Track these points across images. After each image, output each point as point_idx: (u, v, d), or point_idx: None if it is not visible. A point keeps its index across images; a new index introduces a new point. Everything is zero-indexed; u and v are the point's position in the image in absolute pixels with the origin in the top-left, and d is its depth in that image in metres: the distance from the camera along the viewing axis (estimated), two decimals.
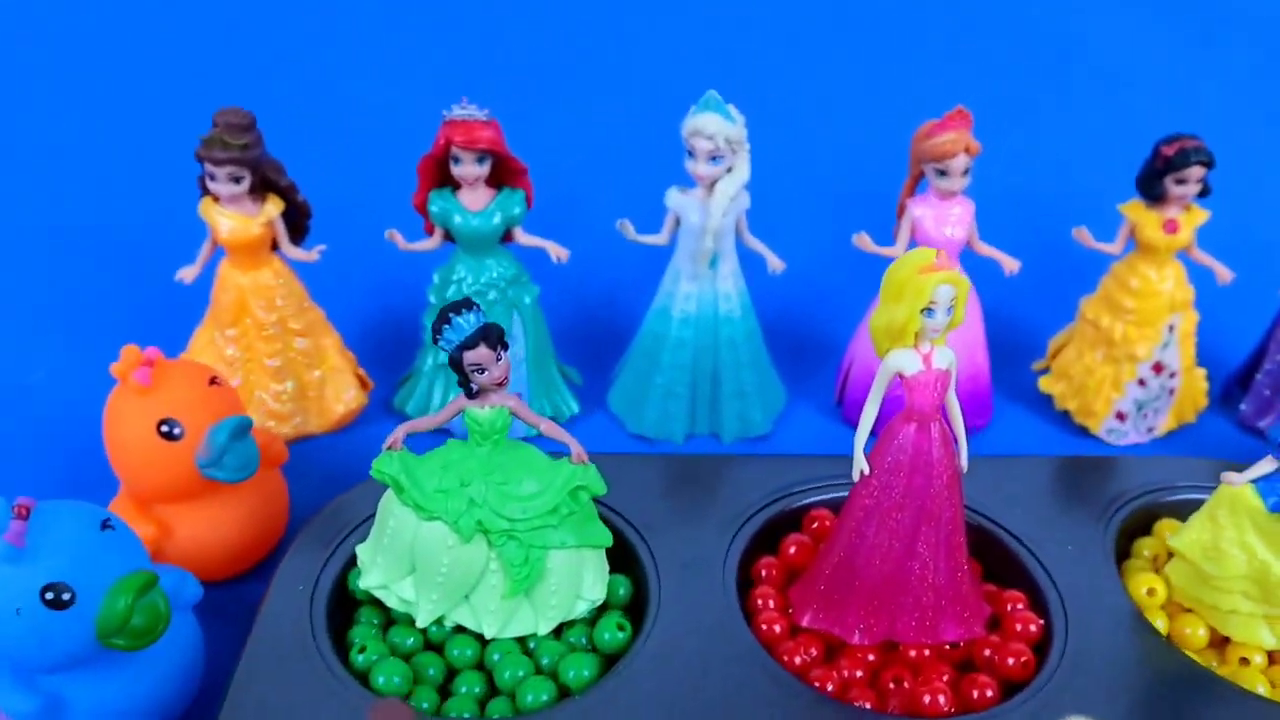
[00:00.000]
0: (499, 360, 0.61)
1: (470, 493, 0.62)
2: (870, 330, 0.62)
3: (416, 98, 1.22)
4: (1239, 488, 0.67)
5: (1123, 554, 0.75)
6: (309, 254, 0.85)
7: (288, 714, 0.59)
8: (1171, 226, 0.88)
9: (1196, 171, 0.86)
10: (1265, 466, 0.66)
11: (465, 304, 0.61)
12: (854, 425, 0.65)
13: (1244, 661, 0.68)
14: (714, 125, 0.82)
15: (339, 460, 0.88)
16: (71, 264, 1.10)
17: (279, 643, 0.63)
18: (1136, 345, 0.91)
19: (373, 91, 1.38)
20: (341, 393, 0.90)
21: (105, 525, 0.61)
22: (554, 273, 1.01)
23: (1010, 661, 0.65)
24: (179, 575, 0.66)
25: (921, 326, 0.60)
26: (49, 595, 0.57)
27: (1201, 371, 0.96)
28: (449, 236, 0.86)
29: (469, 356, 0.61)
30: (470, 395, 0.63)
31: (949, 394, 0.64)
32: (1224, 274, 0.91)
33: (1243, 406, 0.98)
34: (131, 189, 1.20)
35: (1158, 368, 0.92)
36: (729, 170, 0.84)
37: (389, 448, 0.64)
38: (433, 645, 0.66)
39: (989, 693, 0.63)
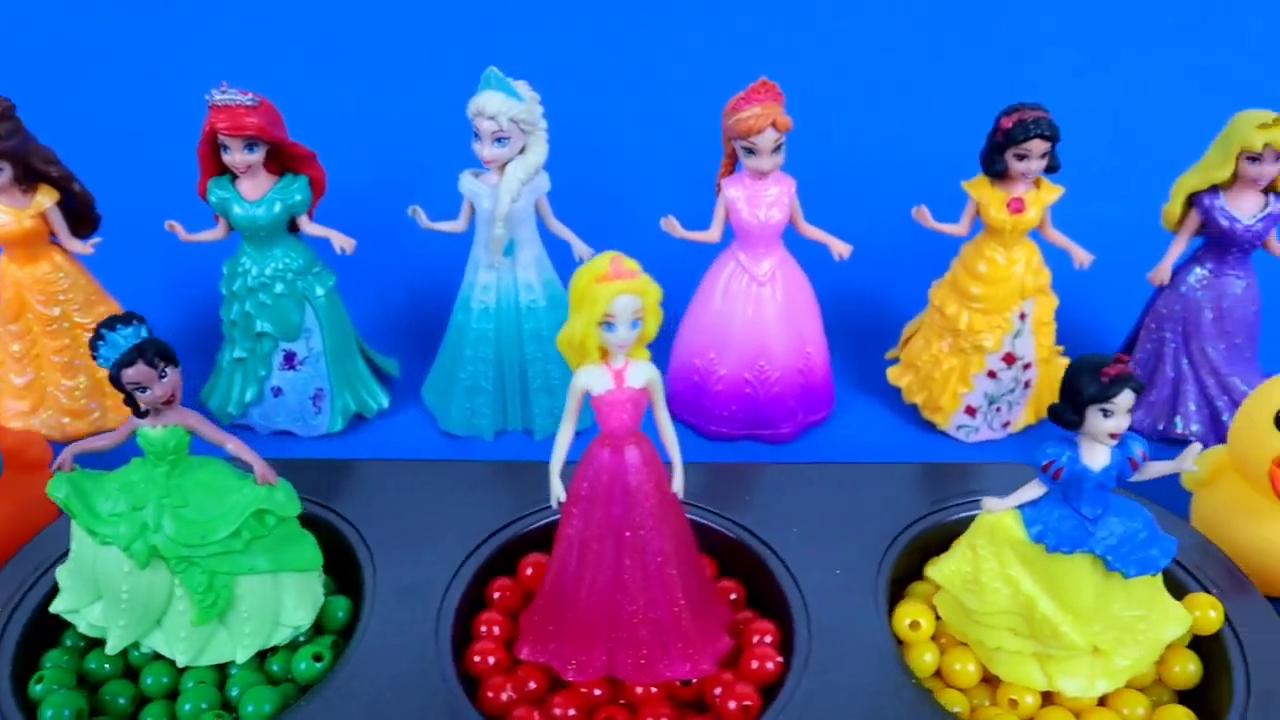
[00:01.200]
0: (162, 378, 0.56)
1: (144, 516, 0.58)
2: (559, 346, 0.55)
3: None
4: (999, 515, 0.59)
5: (916, 578, 0.68)
6: (85, 247, 0.81)
7: None
8: (1016, 205, 0.79)
9: (1038, 145, 0.76)
10: (1030, 492, 0.58)
11: (124, 318, 0.56)
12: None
13: (1013, 703, 0.61)
14: (495, 104, 0.75)
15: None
16: None
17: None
18: (984, 335, 0.82)
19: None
20: None
21: None
22: (385, 260, 0.95)
23: (731, 705, 0.58)
24: None
25: (603, 341, 0.53)
26: None
27: (1064, 362, 0.87)
28: (232, 227, 0.81)
29: (127, 374, 0.56)
30: (139, 414, 0.58)
31: (660, 412, 0.57)
32: (1081, 256, 0.82)
33: None
34: None
35: (1009, 359, 0.83)
36: (521, 152, 0.78)
37: (58, 469, 0.60)
38: (131, 670, 0.62)
39: None
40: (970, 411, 0.85)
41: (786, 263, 0.82)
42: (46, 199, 0.79)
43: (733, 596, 0.66)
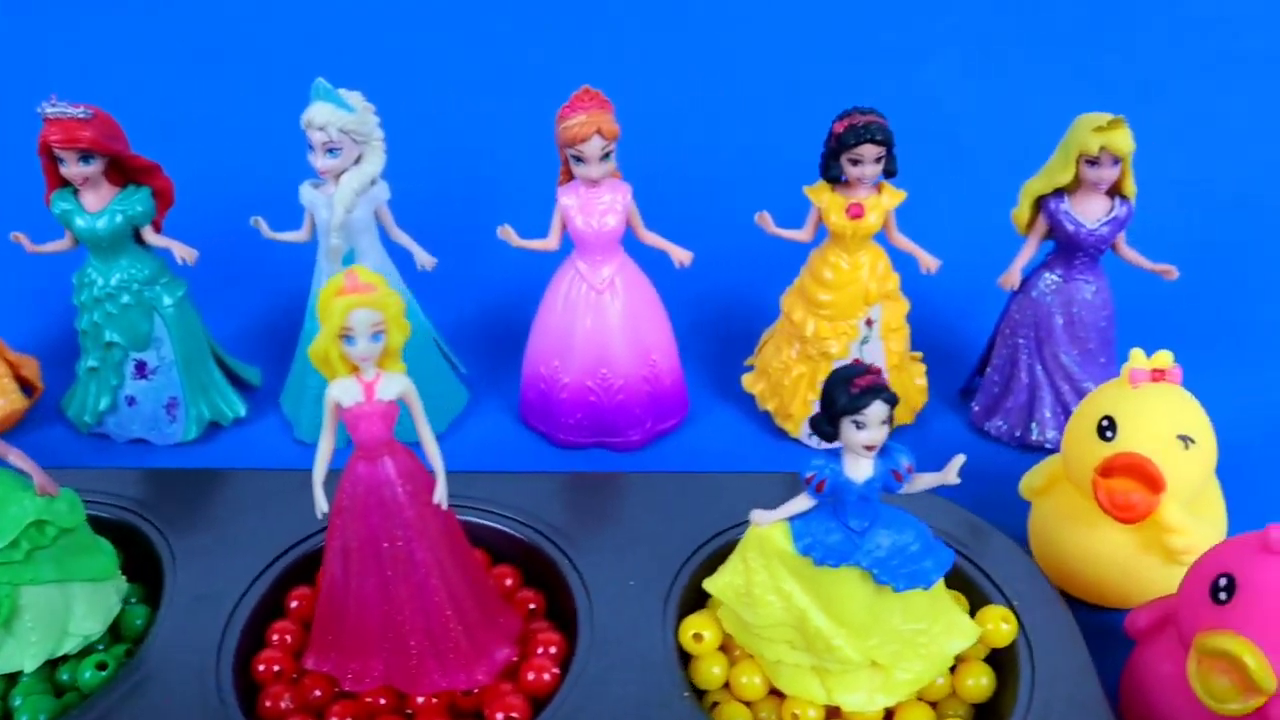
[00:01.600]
0: None
1: None
2: (310, 357, 0.56)
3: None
4: (767, 528, 0.58)
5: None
6: None
7: None
8: (856, 211, 0.79)
9: (870, 150, 0.76)
10: (799, 504, 0.58)
11: None
12: None
13: (795, 717, 0.60)
14: (324, 115, 0.75)
15: None
16: None
17: None
18: (829, 341, 0.82)
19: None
20: (4, 394, 0.87)
21: None
22: (245, 269, 0.96)
23: (499, 717, 0.58)
24: None
25: (345, 353, 0.53)
26: None
27: (920, 368, 0.87)
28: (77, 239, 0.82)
29: None
30: None
31: (419, 422, 0.57)
32: (928, 262, 0.81)
33: (974, 406, 0.88)
34: None
35: (856, 364, 0.82)
36: (357, 162, 0.78)
37: None
38: None
39: None
40: None
41: (627, 268, 0.81)
42: None
43: (531, 607, 0.66)
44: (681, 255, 0.81)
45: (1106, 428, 0.68)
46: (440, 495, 0.57)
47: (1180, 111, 1.18)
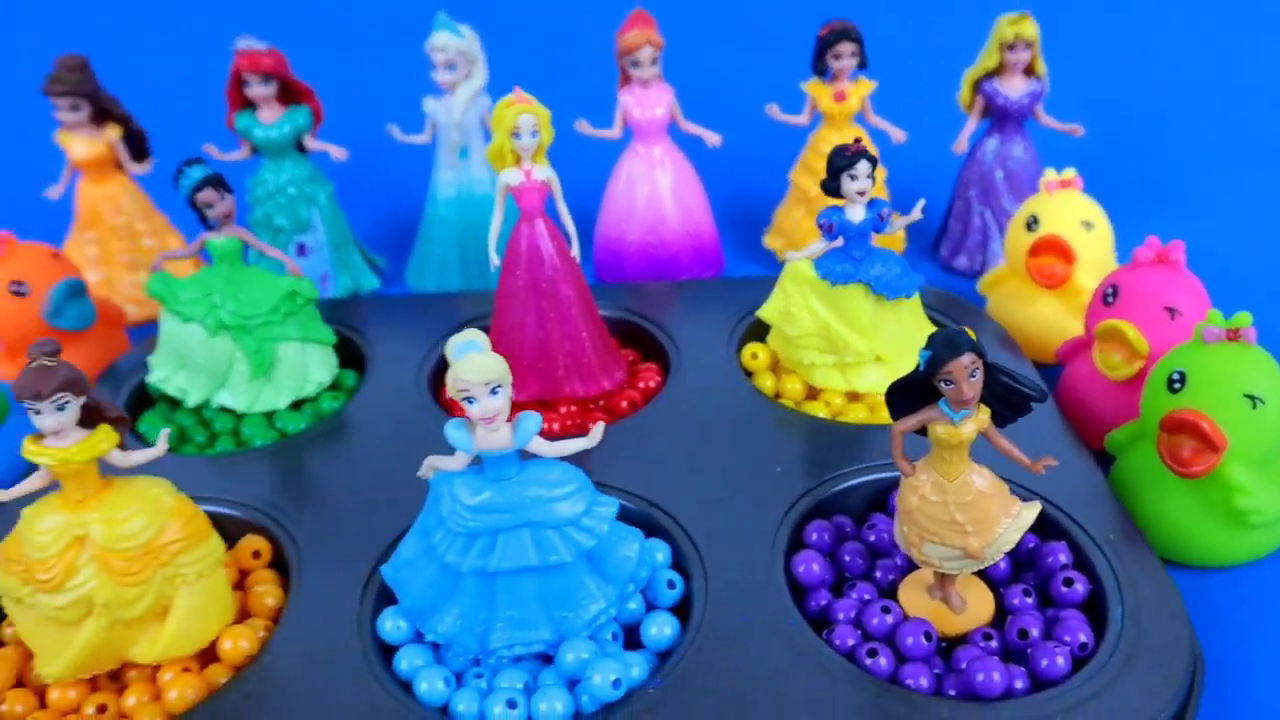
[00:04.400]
0: (223, 199, 0.89)
1: (214, 299, 0.90)
2: (486, 158, 0.88)
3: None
4: (798, 264, 0.91)
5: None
6: (144, 166, 1.15)
7: None
8: (840, 95, 1.13)
9: (848, 47, 1.11)
10: (818, 247, 0.91)
11: (195, 161, 0.89)
12: None
13: (827, 404, 0.92)
14: (444, 40, 1.09)
15: None
16: None
17: None
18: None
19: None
20: None
21: None
22: (376, 176, 1.30)
23: (624, 405, 0.91)
24: None
25: (514, 147, 0.86)
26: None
27: (899, 219, 1.20)
28: (255, 149, 1.15)
29: (199, 196, 0.89)
30: (208, 228, 0.91)
31: (558, 200, 0.90)
32: (897, 134, 1.16)
33: (941, 250, 1.21)
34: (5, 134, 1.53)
35: None
36: (467, 77, 1.12)
37: (154, 269, 0.92)
38: (204, 422, 0.94)
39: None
40: None
41: (673, 151, 1.15)
42: (113, 133, 1.13)
43: (631, 359, 0.98)
44: (713, 138, 1.15)
45: (1031, 222, 1.02)
46: (575, 250, 0.90)
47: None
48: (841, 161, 0.87)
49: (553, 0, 1.75)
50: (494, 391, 0.63)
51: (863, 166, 0.87)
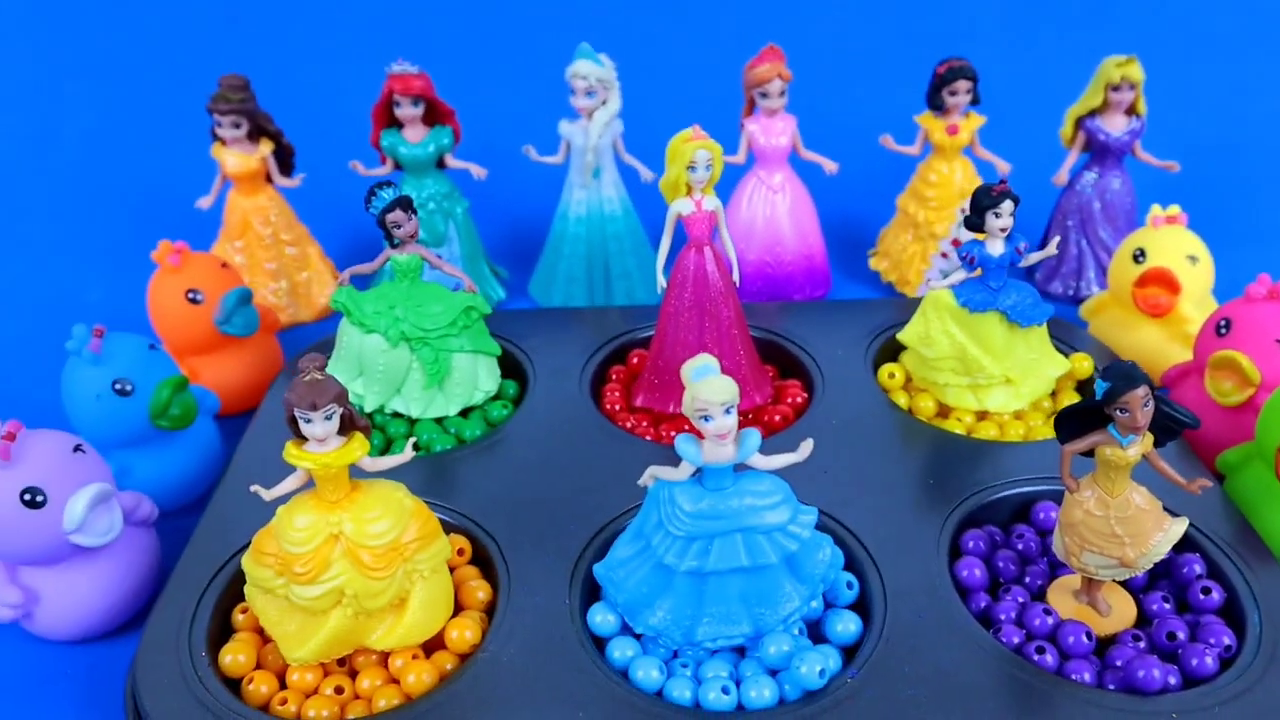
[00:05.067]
0: (410, 220, 0.97)
1: (396, 312, 0.98)
2: (660, 188, 0.97)
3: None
4: (939, 291, 1.00)
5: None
6: (293, 181, 1.23)
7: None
8: (953, 129, 1.22)
9: (963, 84, 1.20)
10: (958, 277, 1.00)
11: (384, 184, 0.97)
12: None
13: (959, 421, 1.01)
14: (585, 69, 1.17)
15: (323, 336, 1.25)
16: (118, 203, 1.55)
17: (274, 430, 0.99)
18: (936, 225, 1.25)
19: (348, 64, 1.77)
20: (323, 290, 1.27)
21: (151, 347, 0.98)
22: (501, 193, 1.38)
23: (778, 419, 0.99)
24: (204, 391, 1.03)
25: (689, 180, 0.94)
26: (116, 386, 0.94)
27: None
28: (398, 165, 1.22)
29: (389, 217, 0.97)
30: (393, 246, 0.99)
31: (722, 230, 0.98)
32: (1003, 166, 1.25)
33: (1037, 275, 1.31)
34: (159, 148, 1.62)
35: (955, 243, 1.25)
36: (604, 103, 1.20)
37: (340, 284, 1.00)
38: (378, 426, 1.02)
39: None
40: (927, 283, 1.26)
41: (792, 179, 1.24)
42: (266, 148, 1.21)
43: (770, 375, 1.07)
44: (831, 166, 1.24)
45: (1138, 255, 1.11)
46: (736, 276, 0.98)
47: (1179, 49, 1.71)
48: (988, 201, 0.95)
49: (673, 34, 1.86)
50: (728, 411, 0.71)
51: (1006, 205, 0.95)
